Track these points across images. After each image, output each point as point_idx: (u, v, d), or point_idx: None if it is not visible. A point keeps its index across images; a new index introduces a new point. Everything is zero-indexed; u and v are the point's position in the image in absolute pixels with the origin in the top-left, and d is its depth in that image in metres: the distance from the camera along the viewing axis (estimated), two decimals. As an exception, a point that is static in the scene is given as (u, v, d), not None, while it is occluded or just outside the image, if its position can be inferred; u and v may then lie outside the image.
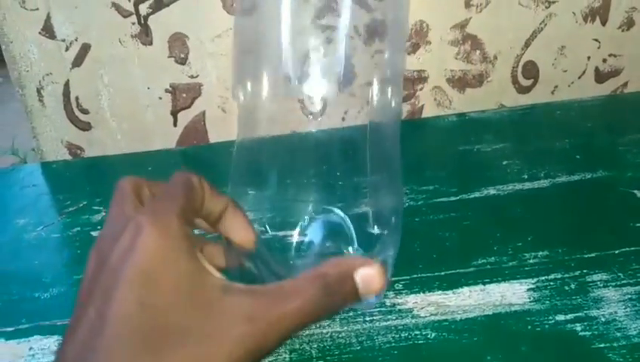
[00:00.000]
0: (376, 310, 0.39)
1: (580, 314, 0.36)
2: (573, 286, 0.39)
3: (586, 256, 0.42)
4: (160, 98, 0.64)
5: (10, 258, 0.48)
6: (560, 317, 0.36)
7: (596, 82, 0.70)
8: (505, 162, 0.55)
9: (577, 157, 0.56)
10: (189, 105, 0.65)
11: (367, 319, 0.38)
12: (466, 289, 0.39)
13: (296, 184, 0.39)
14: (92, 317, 0.22)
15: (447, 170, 0.56)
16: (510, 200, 0.49)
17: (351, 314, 0.39)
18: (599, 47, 0.68)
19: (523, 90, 0.69)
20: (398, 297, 0.39)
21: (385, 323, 0.38)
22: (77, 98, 0.63)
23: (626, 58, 0.69)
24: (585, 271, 0.40)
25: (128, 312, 0.22)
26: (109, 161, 0.64)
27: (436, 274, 0.41)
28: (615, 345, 0.34)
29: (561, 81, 0.70)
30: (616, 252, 0.42)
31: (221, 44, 0.62)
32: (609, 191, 0.50)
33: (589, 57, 0.69)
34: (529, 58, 0.68)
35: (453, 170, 0.56)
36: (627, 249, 0.42)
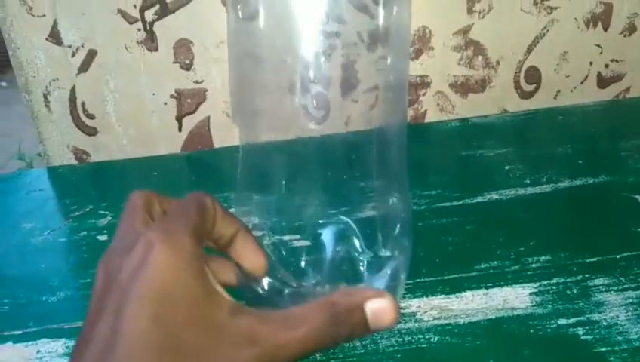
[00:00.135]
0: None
1: (582, 318, 0.37)
2: (575, 291, 0.39)
3: (588, 261, 0.42)
4: (165, 103, 0.65)
5: (18, 262, 0.48)
6: (562, 321, 0.37)
7: (598, 87, 0.71)
8: (507, 167, 0.56)
9: (580, 162, 0.56)
10: (194, 111, 0.66)
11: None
12: (468, 294, 0.40)
13: (301, 189, 0.40)
14: (104, 333, 0.22)
15: (449, 175, 0.56)
16: (513, 205, 0.50)
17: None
18: (601, 53, 0.69)
19: (525, 95, 0.70)
20: (402, 301, 0.39)
21: (388, 326, 0.38)
22: (83, 103, 0.64)
23: (628, 63, 0.70)
24: (587, 276, 0.40)
25: (141, 329, 0.22)
26: (115, 166, 0.65)
27: (439, 278, 0.41)
28: (617, 348, 0.34)
29: (563, 86, 0.70)
30: (618, 256, 0.42)
31: (226, 50, 0.62)
32: (611, 196, 0.50)
33: (592, 63, 0.69)
34: (531, 63, 0.68)
35: (455, 174, 0.57)
36: (629, 253, 0.42)
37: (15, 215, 0.55)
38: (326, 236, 0.40)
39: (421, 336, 0.36)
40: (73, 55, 0.61)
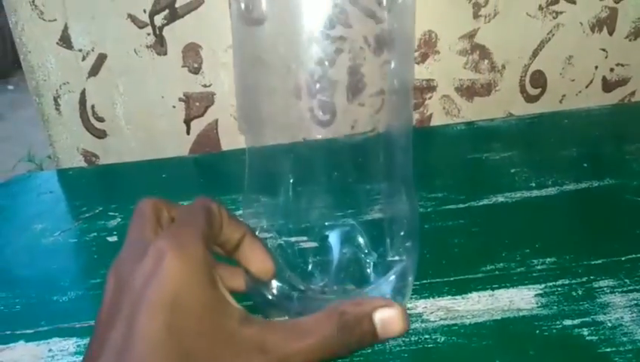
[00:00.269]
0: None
1: (587, 319, 0.37)
2: (580, 292, 0.39)
3: (593, 263, 0.42)
4: (174, 107, 0.65)
5: (29, 262, 0.49)
6: (567, 322, 0.37)
7: (604, 91, 0.71)
8: (513, 170, 0.56)
9: (585, 165, 0.56)
10: (202, 114, 0.66)
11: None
12: (475, 295, 0.40)
13: (307, 191, 0.40)
14: (117, 341, 0.22)
15: (455, 178, 0.57)
16: (518, 208, 0.50)
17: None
18: (607, 57, 0.69)
19: (531, 99, 0.70)
20: (408, 302, 0.40)
21: (395, 327, 0.38)
22: (93, 106, 0.65)
23: (634, 67, 0.70)
24: (592, 278, 0.41)
25: (156, 336, 0.22)
26: (124, 168, 0.66)
27: (445, 279, 0.42)
28: (621, 349, 0.34)
29: (568, 90, 0.70)
30: (623, 259, 0.42)
31: (234, 54, 0.63)
32: (616, 199, 0.50)
33: (597, 67, 0.70)
34: (537, 67, 0.68)
35: (461, 177, 0.57)
36: (634, 256, 0.42)
37: (26, 216, 0.56)
38: (333, 238, 0.40)
39: (428, 336, 0.37)
40: (83, 59, 0.62)
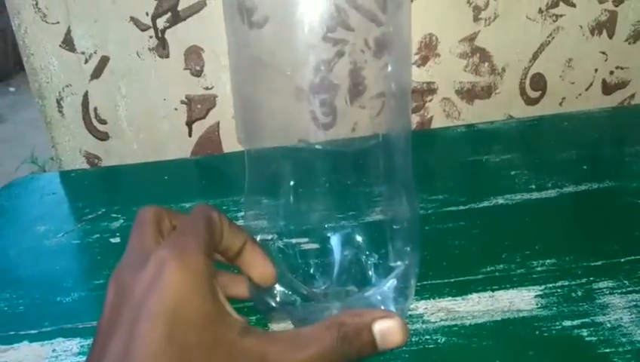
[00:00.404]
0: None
1: (587, 320, 0.37)
2: (579, 293, 0.40)
3: (592, 264, 0.42)
4: (176, 109, 0.66)
5: (32, 263, 0.49)
6: (567, 322, 0.37)
7: (603, 94, 0.71)
8: (513, 172, 0.56)
9: (584, 167, 0.57)
10: (204, 116, 0.67)
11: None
12: (475, 296, 0.40)
13: (308, 194, 0.40)
14: (118, 350, 0.22)
15: (456, 180, 0.57)
16: (518, 210, 0.50)
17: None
18: (606, 60, 0.69)
19: (531, 101, 0.70)
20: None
21: (396, 328, 0.38)
22: (95, 109, 0.65)
23: (633, 70, 0.70)
24: (591, 279, 0.41)
25: (155, 347, 0.22)
26: (126, 170, 0.66)
27: (446, 280, 0.42)
28: (620, 349, 0.35)
29: (568, 92, 0.71)
30: (622, 260, 0.43)
31: (235, 57, 0.64)
32: (615, 201, 0.51)
33: (597, 70, 0.70)
34: (537, 70, 0.69)
35: (462, 179, 0.57)
36: (633, 257, 0.43)
37: (29, 218, 0.56)
38: (334, 240, 0.40)
39: (428, 337, 0.37)
40: (86, 61, 0.63)
